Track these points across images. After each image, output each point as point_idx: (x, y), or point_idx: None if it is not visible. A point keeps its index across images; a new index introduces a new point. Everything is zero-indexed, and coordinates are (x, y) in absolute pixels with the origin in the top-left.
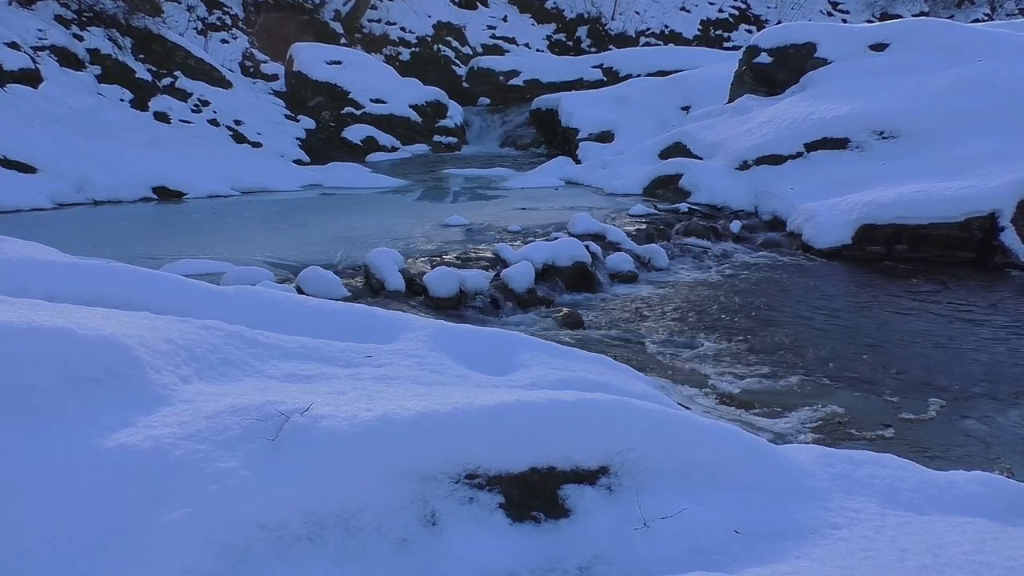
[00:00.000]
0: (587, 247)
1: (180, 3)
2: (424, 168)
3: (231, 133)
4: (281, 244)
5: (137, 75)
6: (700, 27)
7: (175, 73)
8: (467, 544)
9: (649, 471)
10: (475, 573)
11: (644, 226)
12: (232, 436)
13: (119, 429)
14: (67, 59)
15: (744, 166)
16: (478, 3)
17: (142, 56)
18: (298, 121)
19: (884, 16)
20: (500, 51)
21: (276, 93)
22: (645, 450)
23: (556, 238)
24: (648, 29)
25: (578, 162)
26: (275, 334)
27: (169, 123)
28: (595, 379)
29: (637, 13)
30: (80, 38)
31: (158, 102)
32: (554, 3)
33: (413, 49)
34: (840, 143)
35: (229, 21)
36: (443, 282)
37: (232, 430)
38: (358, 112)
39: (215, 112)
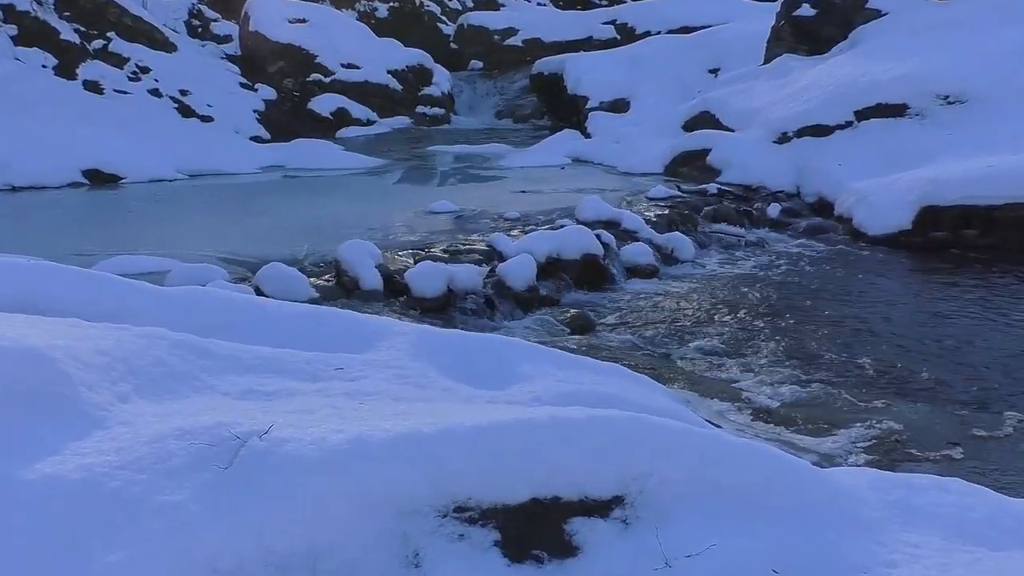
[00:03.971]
0: (598, 236)
1: None
2: (405, 145)
3: (176, 105)
4: (236, 236)
5: (62, 36)
6: None
7: (108, 34)
8: None
9: (671, 500)
10: None
11: (665, 211)
12: (178, 464)
13: (44, 458)
14: None
15: (783, 139)
16: None
17: (68, 14)
18: (256, 91)
19: None
20: (495, 5)
21: (229, 58)
22: (667, 475)
23: (562, 226)
24: None
25: (587, 136)
26: (229, 343)
27: (102, 94)
28: (608, 393)
29: None
30: None
31: (88, 69)
32: None
33: (391, 4)
34: (897, 110)
35: None
36: (428, 279)
37: (178, 457)
38: (327, 79)
39: (157, 81)
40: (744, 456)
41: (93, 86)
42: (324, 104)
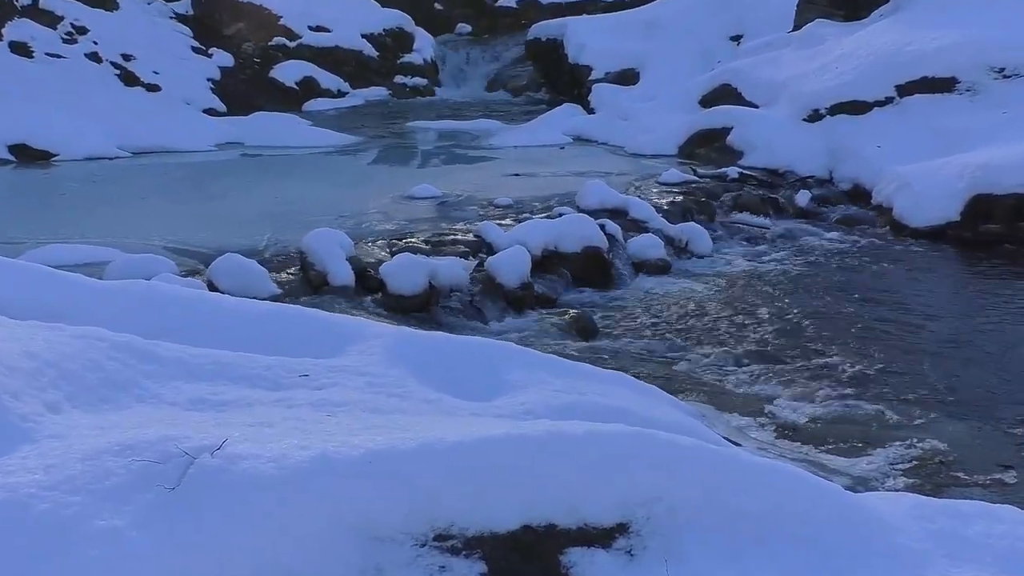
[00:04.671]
0: (602, 227)
1: None
2: (382, 120)
3: (118, 72)
4: (187, 223)
5: None
6: None
7: None
8: None
9: (683, 528)
10: None
11: (680, 198)
12: (118, 484)
13: None
14: None
15: (815, 116)
16: None
17: None
18: (210, 56)
19: None
20: None
21: (179, 18)
22: (677, 499)
23: (560, 215)
24: None
25: (590, 111)
26: (178, 346)
27: (31, 58)
28: (611, 405)
29: None
30: None
31: (15, 28)
32: None
33: None
34: (945, 84)
35: None
36: (407, 274)
37: (118, 476)
38: (292, 44)
39: (95, 43)
40: (766, 478)
41: (21, 48)
42: (289, 72)
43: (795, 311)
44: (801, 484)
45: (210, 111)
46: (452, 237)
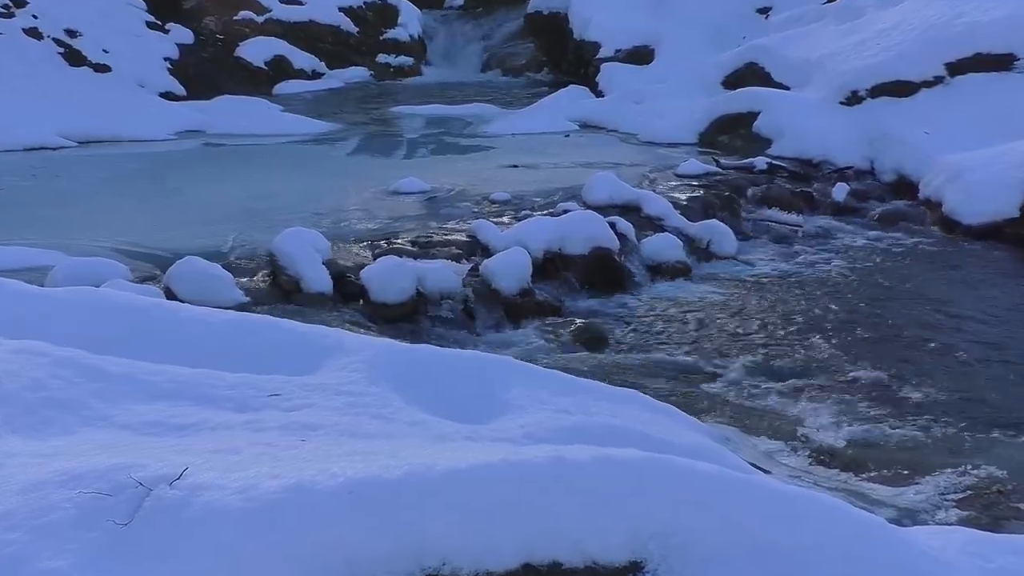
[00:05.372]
0: (612, 225)
1: None
2: (363, 104)
3: (62, 50)
4: (141, 222)
5: None
6: None
7: None
8: None
9: (703, 566)
10: None
11: (700, 192)
12: (62, 519)
13: None
14: None
15: (853, 99)
16: None
17: None
18: (167, 32)
19: None
20: None
21: None
22: (698, 535)
23: (565, 212)
24: None
25: (599, 94)
26: (131, 361)
27: None
28: (623, 427)
29: None
30: None
31: None
32: None
33: None
34: (1002, 62)
35: None
36: (391, 279)
37: (62, 510)
38: (260, 18)
39: (35, 17)
40: (799, 510)
41: None
42: (256, 51)
43: (831, 320)
44: (840, 517)
45: (167, 95)
46: (442, 237)
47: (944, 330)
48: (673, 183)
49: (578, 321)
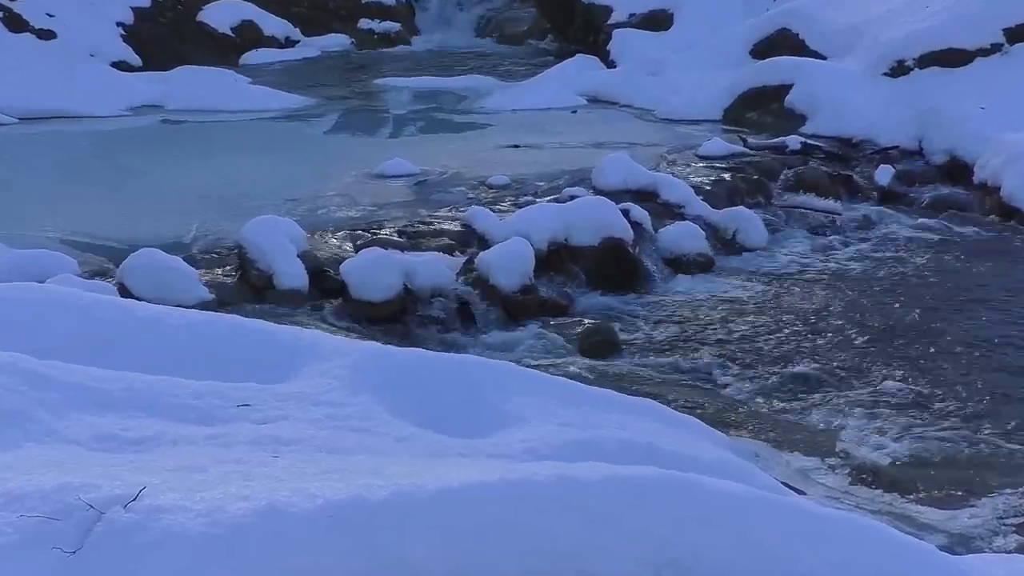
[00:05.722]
0: (625, 213)
1: None
2: (343, 76)
3: (1, 14)
4: (92, 210)
5: None
6: None
7: None
8: None
9: None
10: None
11: (726, 176)
12: (2, 546)
13: None
14: None
15: (899, 69)
16: None
17: None
18: None
19: None
20: None
21: None
22: (722, 564)
23: (572, 198)
24: None
25: (610, 64)
26: (80, 368)
27: None
28: (637, 441)
29: None
30: None
31: None
32: None
33: None
34: None
35: None
36: (375, 275)
37: (3, 535)
38: None
39: None
40: (839, 536)
41: None
42: (222, 16)
43: (873, 322)
44: (884, 543)
45: (121, 65)
46: (433, 227)
47: (1002, 333)
48: (694, 165)
49: (586, 321)
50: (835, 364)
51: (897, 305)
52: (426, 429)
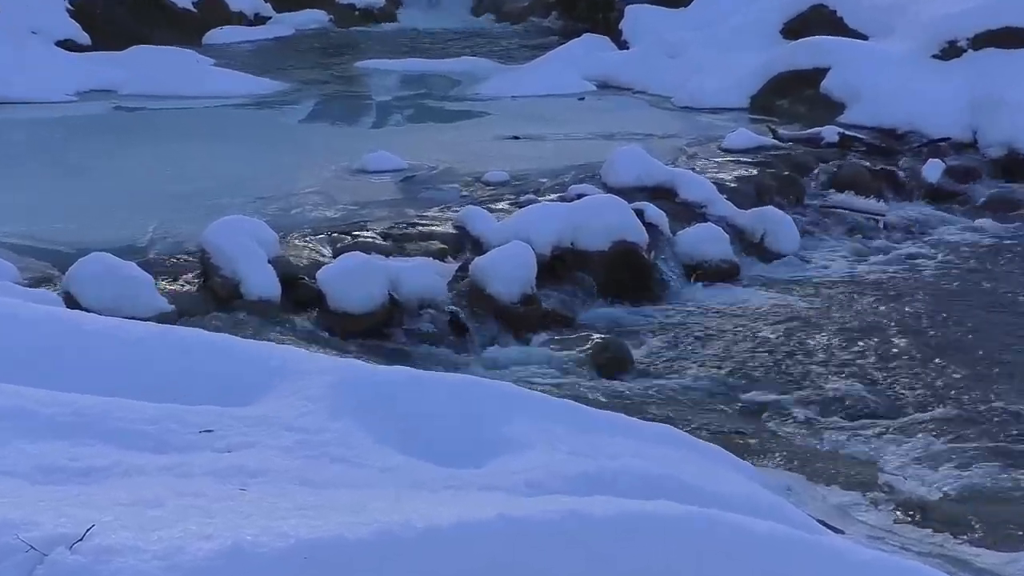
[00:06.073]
0: (639, 213)
1: None
2: (320, 58)
3: None
4: (35, 209)
5: None
6: None
7: None
8: None
9: None
10: None
11: (753, 171)
12: None
13: None
14: None
15: (951, 51)
16: None
17: None
18: None
19: None
20: None
21: None
22: None
23: (580, 196)
24: None
25: (622, 45)
26: (19, 388)
27: None
28: (653, 473)
29: None
30: None
31: None
32: None
33: None
34: None
35: None
36: (357, 284)
37: None
38: None
39: None
40: None
41: None
42: None
43: (921, 337)
44: None
45: (68, 44)
46: (422, 229)
47: None
48: (718, 160)
49: (595, 336)
50: (878, 386)
51: (947, 318)
52: (414, 458)
